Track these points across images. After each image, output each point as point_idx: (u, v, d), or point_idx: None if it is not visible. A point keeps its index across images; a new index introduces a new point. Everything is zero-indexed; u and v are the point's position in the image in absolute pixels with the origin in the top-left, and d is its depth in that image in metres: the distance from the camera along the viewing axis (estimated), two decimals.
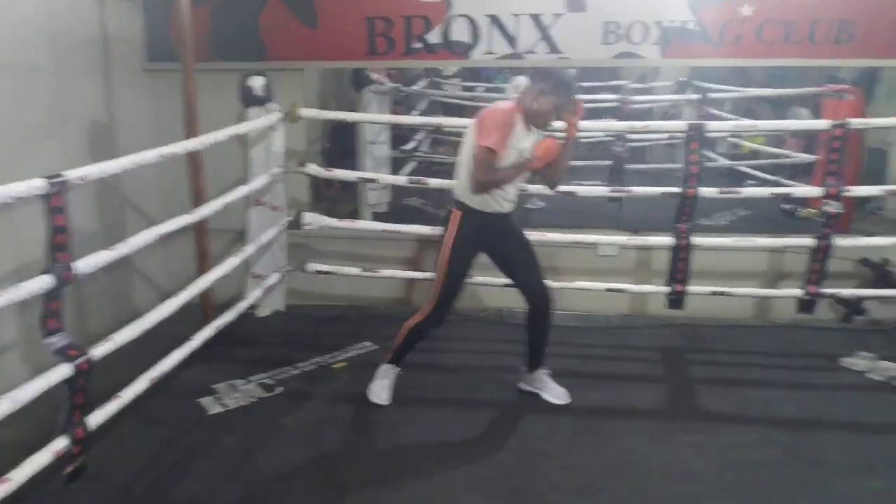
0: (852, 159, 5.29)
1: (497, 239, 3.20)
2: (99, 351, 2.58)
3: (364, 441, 3.05)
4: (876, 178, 5.76)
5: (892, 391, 3.49)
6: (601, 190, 4.29)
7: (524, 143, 3.01)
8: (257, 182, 3.95)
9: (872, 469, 2.84)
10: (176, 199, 3.92)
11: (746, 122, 4.65)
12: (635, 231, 4.36)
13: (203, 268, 3.86)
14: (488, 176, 2.96)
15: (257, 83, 4.02)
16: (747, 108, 7.69)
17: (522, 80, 7.79)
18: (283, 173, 4.14)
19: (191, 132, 3.70)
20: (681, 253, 3.89)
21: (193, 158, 3.80)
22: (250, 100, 4.02)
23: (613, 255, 4.48)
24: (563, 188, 4.44)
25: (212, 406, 3.32)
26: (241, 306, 3.93)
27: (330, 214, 4.45)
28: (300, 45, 4.44)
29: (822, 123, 4.03)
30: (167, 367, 3.08)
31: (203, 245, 3.96)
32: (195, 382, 3.50)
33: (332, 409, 3.32)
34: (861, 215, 5.73)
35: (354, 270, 4.28)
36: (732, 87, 6.60)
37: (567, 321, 4.26)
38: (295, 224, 4.19)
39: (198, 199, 3.77)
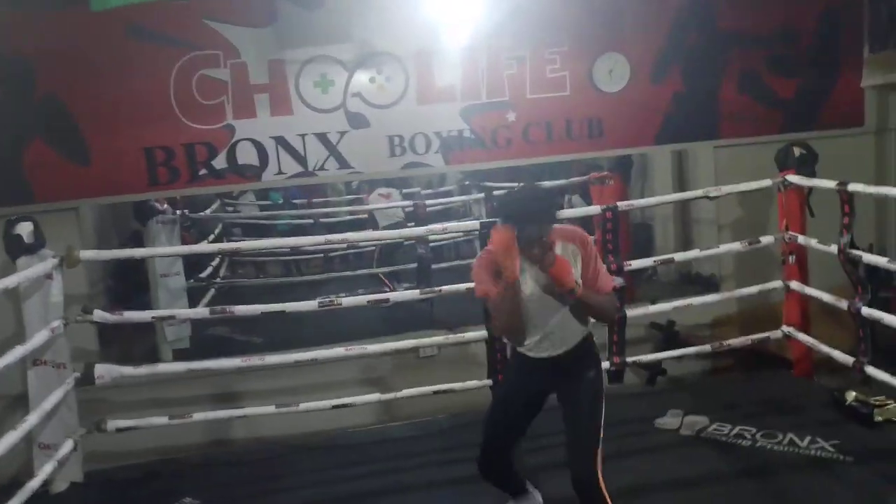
0: (622, 236, 5.93)
1: (546, 381, 2.82)
2: None
3: None
4: (645, 250, 6.51)
5: (701, 443, 3.78)
6: (411, 293, 4.36)
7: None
8: (36, 339, 3.50)
9: None
10: None
11: None
12: (450, 328, 4.45)
13: None
14: (498, 318, 2.76)
15: (25, 229, 3.62)
16: None
17: (383, 189, 7.70)
18: (64, 325, 3.71)
19: None
20: (495, 343, 4.03)
21: None
22: (18, 249, 3.61)
23: (434, 354, 4.52)
24: (374, 297, 4.48)
25: None
26: (31, 486, 3.35)
27: (125, 357, 4.07)
28: (72, 183, 4.16)
29: (593, 209, 4.48)
30: None
31: None
32: None
33: None
34: (639, 283, 6.39)
35: (161, 420, 3.89)
36: (508, 184, 7.20)
37: (404, 431, 4.22)
38: (86, 379, 3.74)
39: None
